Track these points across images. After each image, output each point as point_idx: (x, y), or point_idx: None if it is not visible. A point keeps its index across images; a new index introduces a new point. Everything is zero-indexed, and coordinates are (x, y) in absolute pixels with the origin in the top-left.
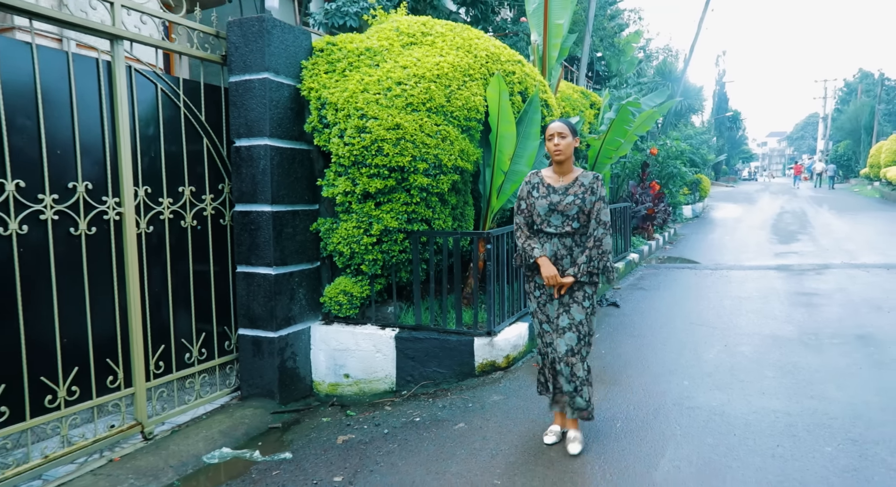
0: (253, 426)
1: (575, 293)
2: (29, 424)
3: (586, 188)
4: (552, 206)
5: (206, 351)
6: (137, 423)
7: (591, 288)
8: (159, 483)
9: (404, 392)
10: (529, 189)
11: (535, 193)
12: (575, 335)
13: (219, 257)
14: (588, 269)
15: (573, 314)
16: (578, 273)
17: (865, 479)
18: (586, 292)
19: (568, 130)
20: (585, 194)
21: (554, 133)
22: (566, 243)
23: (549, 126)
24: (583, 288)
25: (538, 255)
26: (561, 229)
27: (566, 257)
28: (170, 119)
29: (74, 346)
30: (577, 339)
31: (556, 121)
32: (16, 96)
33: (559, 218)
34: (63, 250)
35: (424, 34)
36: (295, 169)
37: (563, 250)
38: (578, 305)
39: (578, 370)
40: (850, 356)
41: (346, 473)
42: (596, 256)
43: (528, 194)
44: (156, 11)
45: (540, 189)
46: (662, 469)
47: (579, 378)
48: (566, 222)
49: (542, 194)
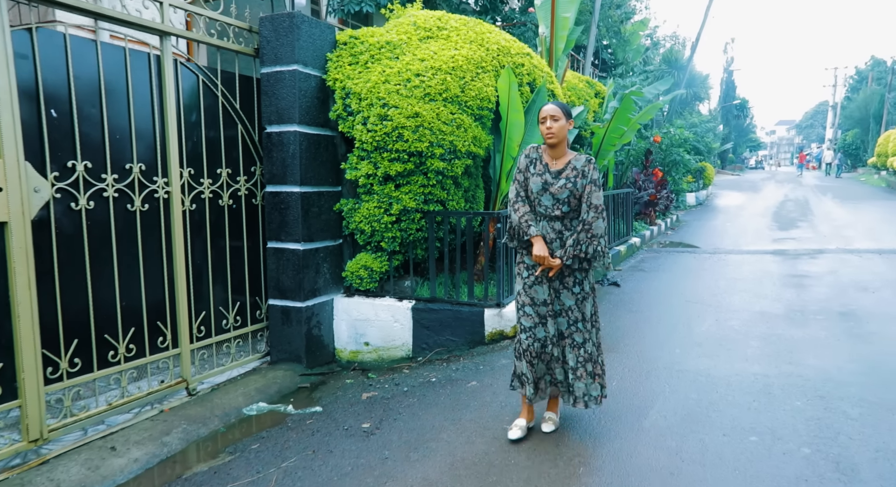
0: (284, 385)
1: (565, 279)
2: (96, 375)
3: (578, 172)
4: (545, 185)
5: (240, 319)
6: (183, 380)
7: (581, 274)
8: (207, 428)
9: (420, 358)
10: (528, 163)
11: (532, 168)
12: (565, 321)
13: (251, 233)
14: (575, 252)
15: (563, 299)
16: (564, 256)
17: (826, 426)
18: (576, 278)
19: (561, 112)
20: (577, 177)
21: (546, 116)
22: (555, 226)
23: (542, 108)
24: (573, 274)
25: (534, 233)
26: (550, 211)
27: (555, 242)
28: (209, 107)
29: (131, 309)
30: (567, 324)
31: (549, 103)
32: (84, 88)
33: (550, 199)
34: (121, 224)
35: (440, 28)
36: (320, 153)
37: (552, 233)
38: (568, 291)
39: (569, 357)
40: (831, 330)
41: (372, 421)
42: (584, 239)
43: (526, 167)
44: (202, 10)
45: (537, 166)
46: (651, 418)
47: (569, 365)
48: (556, 206)
49: (539, 171)
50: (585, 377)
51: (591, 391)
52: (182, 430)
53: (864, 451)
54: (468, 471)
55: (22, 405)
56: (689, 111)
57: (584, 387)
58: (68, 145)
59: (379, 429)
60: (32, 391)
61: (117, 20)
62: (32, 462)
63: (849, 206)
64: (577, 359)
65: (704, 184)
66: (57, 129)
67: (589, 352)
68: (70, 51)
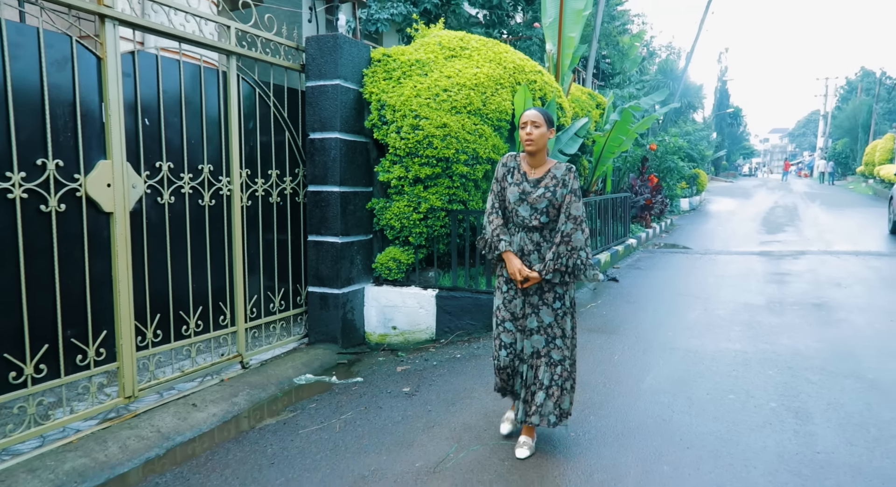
0: (325, 361)
1: (545, 294)
2: (172, 345)
3: (558, 181)
4: (523, 195)
5: (284, 303)
6: (238, 355)
7: (561, 289)
8: (267, 393)
9: (443, 340)
10: (505, 172)
11: (509, 177)
12: (542, 338)
13: (293, 228)
14: (555, 266)
15: (542, 316)
16: (544, 271)
17: (791, 388)
18: (556, 293)
19: (542, 119)
20: (557, 186)
21: (527, 121)
22: (534, 237)
23: (523, 114)
24: (553, 289)
25: (503, 249)
26: (529, 221)
27: (534, 253)
28: (263, 116)
29: (199, 291)
30: (545, 342)
31: (530, 108)
32: (168, 100)
33: (528, 209)
34: (194, 217)
35: (462, 48)
36: (356, 157)
37: (530, 244)
38: (548, 307)
39: (543, 375)
40: (804, 318)
41: (411, 386)
42: (564, 252)
43: (503, 176)
44: (259, 32)
45: (515, 175)
46: (647, 382)
47: (542, 383)
48: (534, 215)
49: (516, 180)
50: (557, 395)
51: (563, 405)
52: (247, 394)
53: (819, 404)
54: (500, 418)
55: (119, 366)
56: (683, 120)
57: (552, 406)
58: (156, 149)
59: (418, 392)
60: (128, 355)
61: (196, 43)
62: (126, 416)
63: (834, 212)
64: (552, 378)
65: (698, 190)
66: (148, 135)
67: (568, 371)
68: (161, 69)
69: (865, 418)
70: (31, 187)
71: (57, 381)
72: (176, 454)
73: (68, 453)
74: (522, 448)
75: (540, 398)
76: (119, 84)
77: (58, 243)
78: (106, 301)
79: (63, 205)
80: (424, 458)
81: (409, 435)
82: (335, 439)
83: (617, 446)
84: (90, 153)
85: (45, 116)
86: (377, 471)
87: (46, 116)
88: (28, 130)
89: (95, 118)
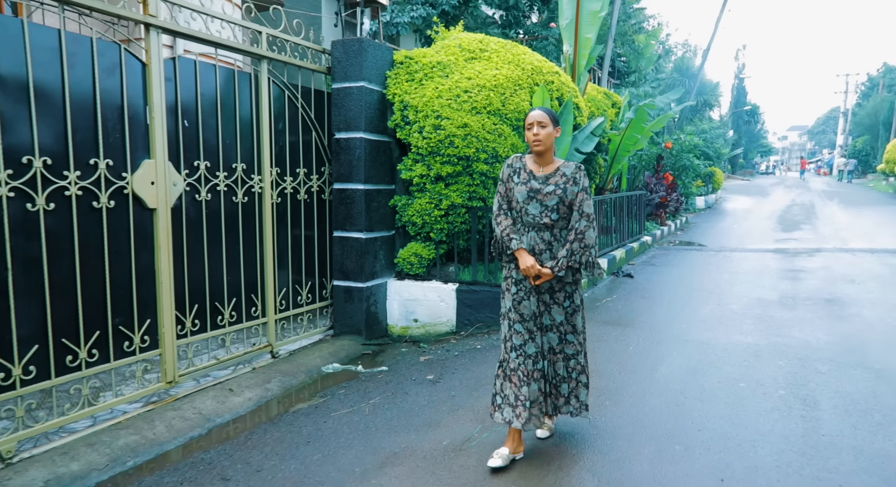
0: (350, 352)
1: (556, 294)
2: (209, 335)
3: (568, 178)
4: (531, 193)
5: (311, 296)
6: (268, 344)
7: (571, 287)
8: (297, 380)
9: (463, 332)
10: (510, 173)
11: (515, 178)
12: (556, 336)
13: (319, 224)
14: (569, 263)
15: (553, 314)
16: (557, 267)
17: (800, 377)
18: (566, 292)
19: (548, 119)
20: (567, 183)
21: (533, 122)
22: (544, 236)
23: (529, 114)
24: (563, 288)
25: (515, 247)
26: (539, 219)
27: (545, 253)
28: (291, 117)
29: (233, 283)
30: (559, 339)
31: (536, 109)
32: (206, 102)
33: (537, 207)
34: (228, 213)
35: (482, 50)
36: (380, 156)
37: (541, 243)
38: (559, 306)
39: (561, 369)
40: (816, 312)
41: (434, 374)
42: (578, 249)
43: (508, 177)
44: (288, 36)
45: (521, 175)
46: (661, 371)
47: (561, 376)
48: (544, 213)
49: (523, 180)
50: (573, 386)
51: (581, 397)
52: (279, 381)
53: (826, 392)
54: None
55: (161, 353)
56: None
57: (573, 394)
58: (194, 149)
59: (441, 379)
60: (169, 343)
61: (231, 48)
62: (167, 399)
63: (852, 210)
64: (568, 369)
65: (713, 188)
66: (187, 135)
67: (582, 364)
68: (199, 73)
69: (871, 405)
70: (85, 185)
71: (107, 365)
72: (217, 433)
73: (120, 431)
74: (543, 429)
75: (564, 389)
76: (162, 88)
77: (108, 237)
78: (149, 292)
79: (112, 202)
80: (451, 437)
81: (435, 417)
82: (366, 421)
83: (632, 428)
84: (136, 153)
85: (97, 118)
86: (407, 448)
87: (98, 119)
88: (82, 132)
89: (140, 120)
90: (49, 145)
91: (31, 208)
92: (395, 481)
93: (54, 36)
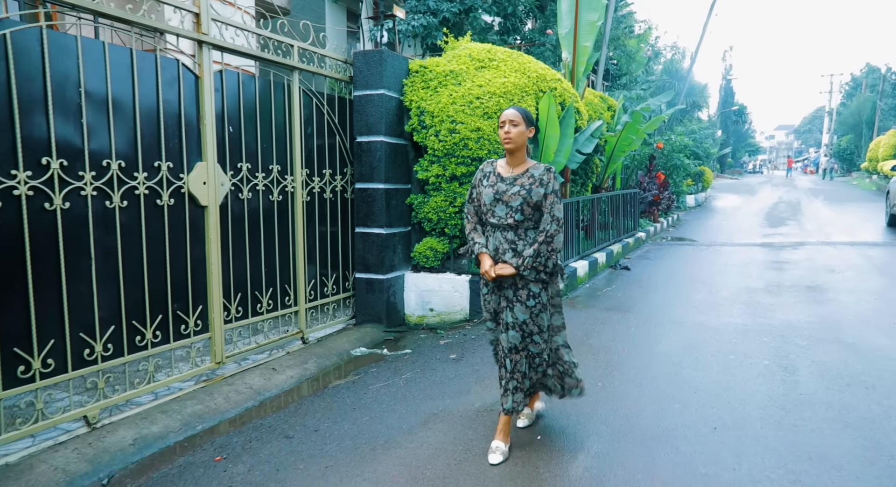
0: (374, 338)
1: (519, 291)
2: (250, 321)
3: (535, 180)
4: (497, 195)
5: (336, 288)
6: (300, 331)
7: (536, 287)
8: (330, 361)
9: (476, 320)
10: (481, 177)
11: (485, 181)
12: (518, 334)
13: (342, 221)
14: (534, 263)
15: (516, 313)
16: (521, 266)
17: (782, 350)
18: (531, 291)
19: (521, 117)
20: (533, 185)
21: (506, 120)
22: (508, 236)
23: (503, 113)
24: (527, 287)
25: (478, 250)
26: (504, 220)
27: (508, 252)
28: (318, 122)
29: (269, 274)
30: (521, 337)
31: (510, 108)
32: (247, 110)
33: (503, 209)
34: (266, 210)
35: (490, 60)
36: (398, 158)
37: (504, 243)
38: (522, 304)
39: (523, 366)
40: (797, 298)
41: (456, 354)
42: (545, 252)
43: (479, 181)
44: (316, 49)
45: (490, 178)
46: (660, 348)
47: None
48: (509, 214)
49: (491, 183)
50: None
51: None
52: (314, 362)
53: (804, 362)
54: None
55: (211, 336)
56: (689, 119)
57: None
58: (238, 152)
59: (463, 358)
60: (218, 327)
61: (268, 61)
62: (217, 378)
63: (836, 207)
64: (532, 366)
65: (703, 187)
66: (232, 140)
67: (547, 361)
68: (241, 84)
69: (841, 370)
70: (151, 184)
71: (168, 345)
72: (270, 404)
73: (186, 401)
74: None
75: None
76: (212, 98)
77: (168, 231)
78: (201, 281)
79: (172, 200)
80: (481, 401)
81: (464, 386)
82: (402, 391)
83: (637, 392)
84: (190, 156)
85: (160, 125)
86: (444, 410)
87: (161, 126)
88: (148, 138)
89: (194, 127)
90: (122, 150)
91: (108, 205)
92: (439, 434)
93: (127, 54)
